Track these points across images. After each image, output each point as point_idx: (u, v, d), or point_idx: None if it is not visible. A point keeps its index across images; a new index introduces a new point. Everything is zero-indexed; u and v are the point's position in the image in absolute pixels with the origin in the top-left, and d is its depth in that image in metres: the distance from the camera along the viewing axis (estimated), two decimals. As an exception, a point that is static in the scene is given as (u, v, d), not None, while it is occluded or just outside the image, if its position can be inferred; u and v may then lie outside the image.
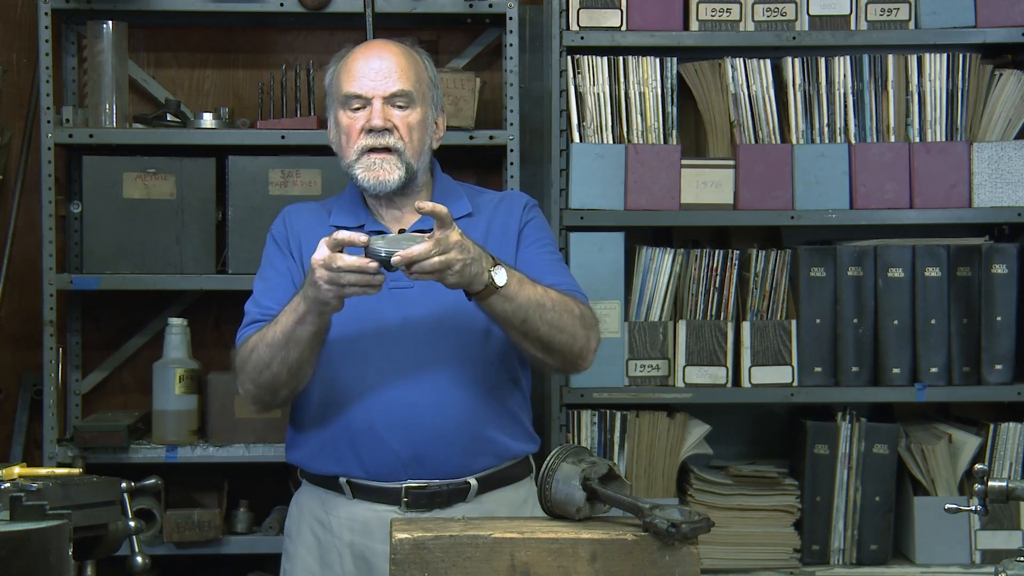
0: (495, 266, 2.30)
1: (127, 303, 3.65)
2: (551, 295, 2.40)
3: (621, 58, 3.36)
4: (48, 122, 3.32)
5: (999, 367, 3.39)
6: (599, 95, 3.36)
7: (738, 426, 3.62)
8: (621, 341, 3.34)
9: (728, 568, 3.33)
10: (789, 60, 3.40)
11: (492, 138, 3.40)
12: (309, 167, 3.39)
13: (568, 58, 3.35)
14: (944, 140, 3.40)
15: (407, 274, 2.23)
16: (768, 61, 3.40)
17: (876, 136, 3.41)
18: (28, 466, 2.12)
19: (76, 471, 2.13)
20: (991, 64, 3.44)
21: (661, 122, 3.38)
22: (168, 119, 3.47)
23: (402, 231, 2.51)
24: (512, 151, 3.38)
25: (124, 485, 2.06)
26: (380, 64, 2.51)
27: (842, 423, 3.37)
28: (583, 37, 3.37)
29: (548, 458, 2.08)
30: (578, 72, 3.35)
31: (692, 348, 3.36)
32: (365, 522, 2.47)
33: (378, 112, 2.49)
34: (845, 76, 3.39)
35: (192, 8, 3.39)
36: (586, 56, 3.35)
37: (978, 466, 2.12)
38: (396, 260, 2.20)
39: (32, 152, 3.55)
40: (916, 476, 3.39)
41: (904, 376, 3.39)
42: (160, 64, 3.70)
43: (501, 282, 2.30)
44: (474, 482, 2.48)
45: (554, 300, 2.40)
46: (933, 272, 3.39)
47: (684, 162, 3.36)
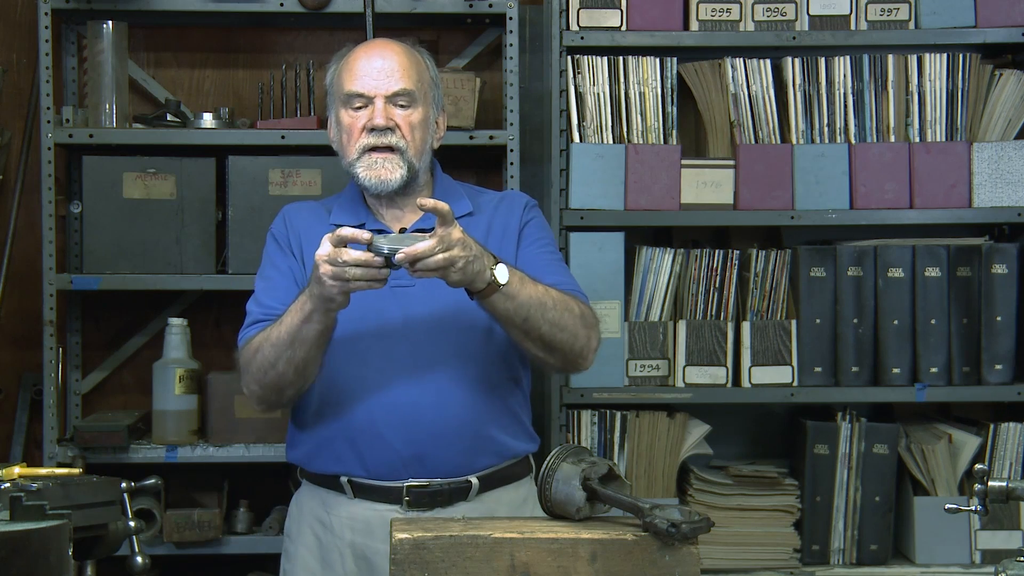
0: (496, 264, 2.30)
1: (127, 303, 3.65)
2: (552, 294, 2.40)
3: (621, 58, 3.36)
4: (48, 122, 3.31)
5: (999, 367, 3.39)
6: (599, 95, 3.36)
7: (738, 426, 3.62)
8: (621, 341, 3.34)
9: (728, 568, 3.33)
10: (789, 60, 3.40)
11: (492, 138, 3.40)
12: (309, 167, 3.39)
13: (568, 58, 3.35)
14: (944, 140, 3.40)
15: (411, 272, 2.23)
16: (768, 61, 3.40)
17: (876, 136, 3.41)
18: (28, 466, 2.12)
19: (76, 471, 2.13)
20: (991, 64, 3.44)
21: (661, 122, 3.38)
22: (168, 119, 3.47)
23: (403, 230, 2.51)
24: (512, 151, 3.38)
25: (124, 485, 2.06)
26: (382, 63, 2.51)
27: (842, 423, 3.37)
28: (583, 37, 3.37)
29: (548, 458, 2.08)
30: (578, 72, 3.35)
31: (692, 348, 3.36)
32: (366, 521, 2.47)
33: (380, 111, 2.48)
34: (845, 76, 3.39)
35: (192, 8, 3.39)
36: (586, 56, 3.35)
37: (978, 466, 2.12)
38: (400, 257, 2.20)
39: (32, 152, 3.55)
40: (916, 476, 3.39)
41: (904, 376, 3.39)
42: (160, 64, 3.70)
43: (503, 280, 2.29)
44: (475, 481, 2.48)
45: (555, 299, 2.40)
46: (933, 272, 3.39)
47: (684, 162, 3.36)
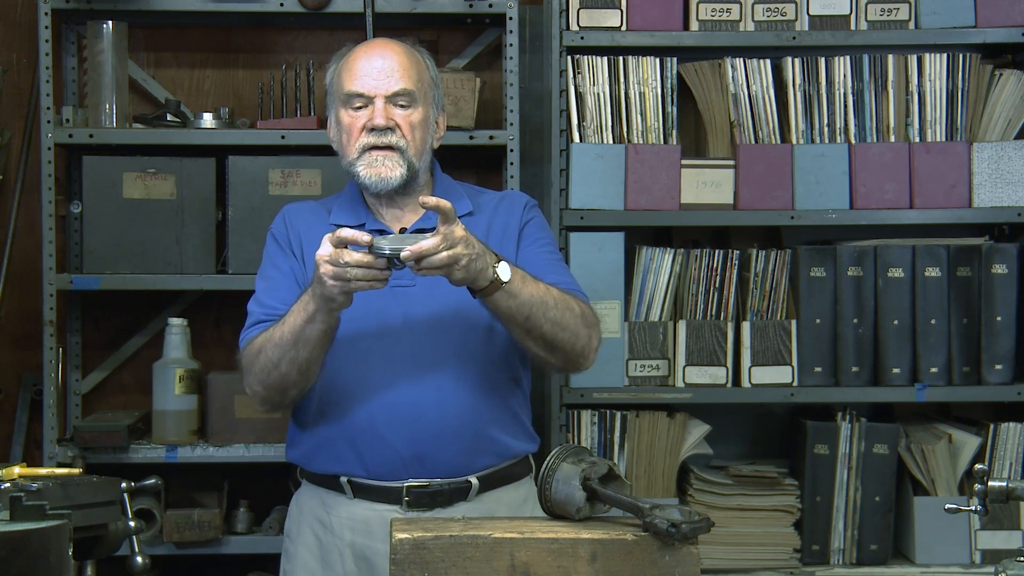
0: (498, 262, 2.30)
1: (127, 303, 3.65)
2: (553, 293, 2.40)
3: (621, 58, 3.36)
4: (48, 122, 3.31)
5: (999, 367, 3.39)
6: (599, 95, 3.36)
7: (738, 426, 3.62)
8: (621, 341, 3.34)
9: (728, 568, 3.33)
10: (789, 60, 3.40)
11: (492, 138, 3.40)
12: (309, 167, 3.39)
13: (568, 58, 3.35)
14: (944, 140, 3.39)
15: (415, 270, 2.23)
16: (768, 61, 3.40)
17: (876, 136, 3.41)
18: (28, 466, 2.12)
19: (76, 471, 2.13)
20: (991, 64, 3.44)
21: (661, 122, 3.38)
22: (168, 119, 3.47)
23: (403, 230, 2.50)
24: (512, 151, 3.37)
25: (124, 485, 2.06)
26: (382, 63, 2.51)
27: (842, 423, 3.37)
28: (583, 37, 3.37)
29: (548, 458, 2.08)
30: (578, 72, 3.35)
31: (692, 348, 3.36)
32: (366, 521, 2.47)
33: (380, 111, 2.48)
34: (845, 76, 3.39)
35: (192, 8, 3.39)
36: (586, 56, 3.35)
37: (978, 466, 2.12)
38: (406, 255, 2.19)
39: (32, 152, 3.54)
40: (916, 476, 3.39)
41: (904, 376, 3.39)
42: (160, 64, 3.70)
43: (505, 278, 2.29)
44: (475, 481, 2.48)
45: (556, 298, 2.40)
46: (933, 272, 3.39)
47: (684, 162, 3.36)
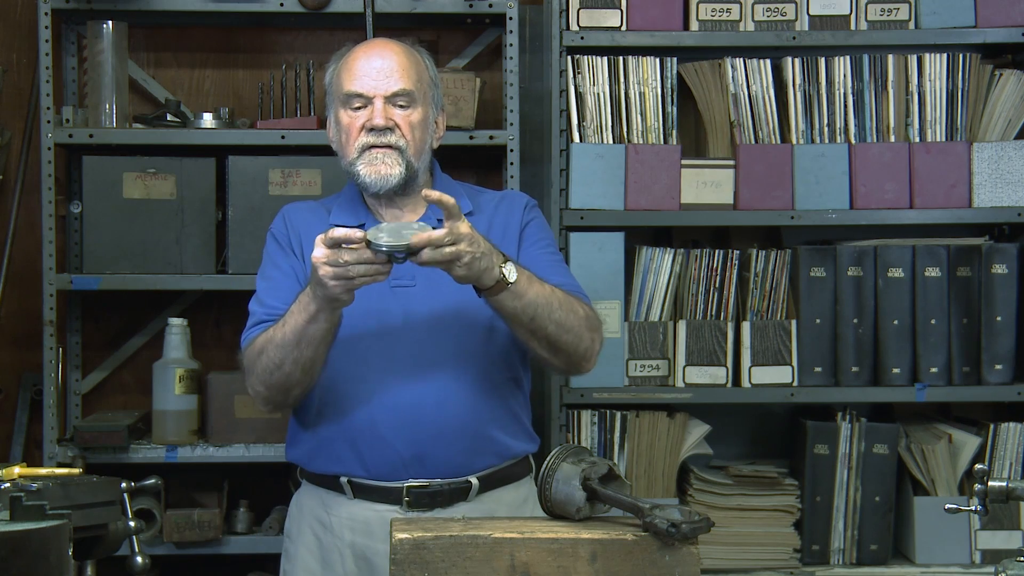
0: (506, 262, 2.30)
1: (127, 303, 3.65)
2: (558, 295, 2.40)
3: (621, 58, 3.36)
4: (48, 122, 3.31)
5: (999, 367, 3.39)
6: (599, 95, 3.36)
7: (738, 426, 3.62)
8: (621, 341, 3.34)
9: (728, 568, 3.33)
10: (789, 60, 3.40)
11: (492, 138, 3.40)
12: (309, 167, 3.39)
13: (568, 58, 3.35)
14: (944, 140, 3.39)
15: (416, 261, 2.21)
16: (768, 61, 3.40)
17: (876, 136, 3.41)
18: (28, 466, 2.12)
19: (76, 471, 2.13)
20: (991, 64, 3.44)
21: (661, 122, 3.38)
22: (168, 119, 3.47)
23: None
24: (512, 151, 3.37)
25: (124, 485, 2.06)
26: (381, 63, 2.50)
27: (842, 423, 3.37)
28: (583, 37, 3.37)
29: (548, 458, 2.08)
30: (578, 72, 3.35)
31: (692, 348, 3.36)
32: (366, 522, 2.47)
33: (380, 111, 2.48)
34: (845, 76, 3.39)
35: (192, 8, 3.39)
36: (586, 56, 3.35)
37: (978, 466, 2.12)
38: (416, 240, 2.18)
39: (32, 152, 3.54)
40: (916, 476, 3.39)
41: (904, 376, 3.39)
42: (160, 64, 3.70)
43: (512, 278, 2.29)
44: (475, 481, 2.48)
45: (561, 300, 2.40)
46: (933, 272, 3.39)
47: (684, 162, 3.36)
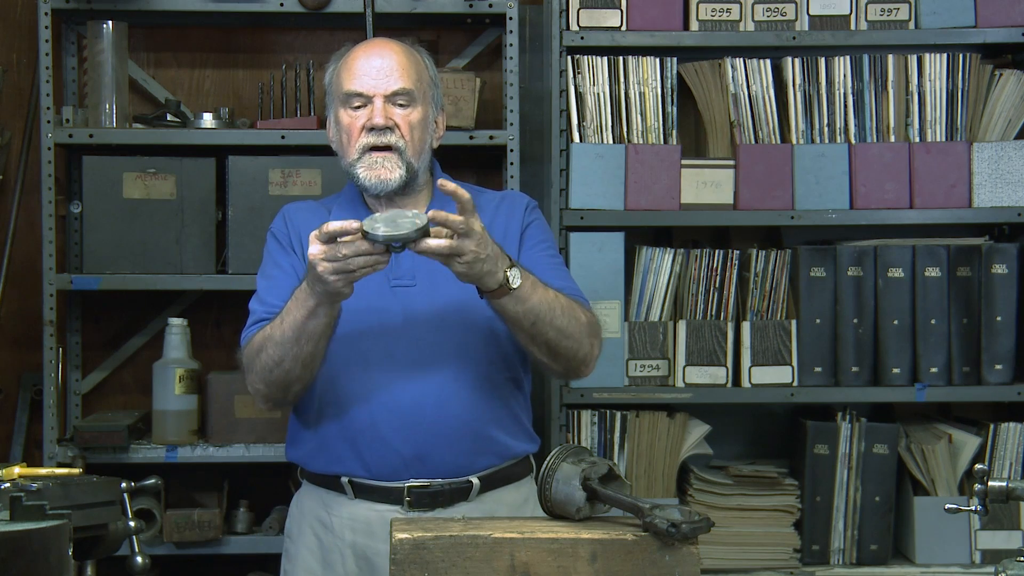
0: (511, 267, 2.29)
1: (127, 303, 3.65)
2: (561, 301, 2.39)
3: (621, 58, 3.36)
4: (48, 122, 3.31)
5: (999, 367, 3.39)
6: (599, 95, 3.36)
7: (738, 426, 3.62)
8: (621, 341, 3.34)
9: (728, 568, 3.33)
10: (789, 60, 3.40)
11: (492, 138, 3.40)
12: (309, 167, 3.39)
13: (568, 58, 3.35)
14: (944, 140, 3.39)
15: (415, 249, 2.20)
16: (768, 61, 3.40)
17: (876, 136, 3.41)
18: (28, 466, 2.12)
19: (76, 471, 2.13)
20: (991, 64, 3.44)
21: (661, 122, 3.38)
22: (168, 119, 3.47)
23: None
24: (512, 151, 3.38)
25: (124, 485, 2.05)
26: (381, 62, 2.50)
27: (842, 423, 3.37)
28: (583, 37, 3.37)
29: (548, 458, 2.08)
30: (578, 72, 3.35)
31: (692, 348, 3.36)
32: (367, 522, 2.46)
33: (379, 110, 2.48)
34: (845, 76, 3.39)
35: (192, 8, 3.39)
36: (586, 56, 3.35)
37: (978, 466, 2.12)
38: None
39: (32, 152, 3.54)
40: (916, 476, 3.39)
41: (904, 376, 3.39)
42: (160, 64, 3.70)
43: (515, 284, 2.29)
44: (476, 481, 2.48)
45: (564, 306, 2.39)
46: (933, 272, 3.39)
47: (684, 162, 3.36)
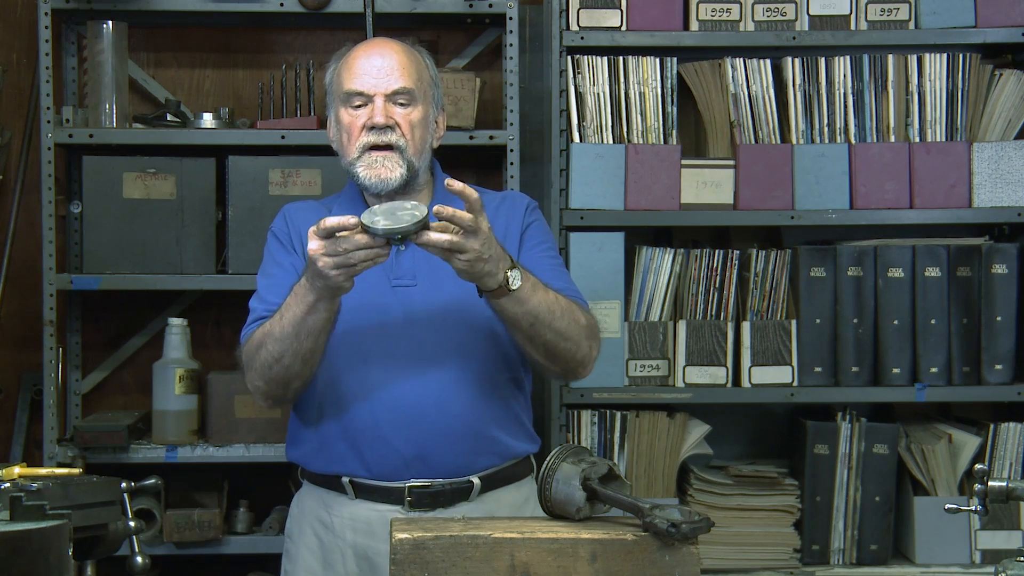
0: (512, 268, 2.29)
1: (127, 303, 3.65)
2: (561, 303, 2.39)
3: (621, 58, 3.36)
4: (48, 122, 3.31)
5: (999, 367, 3.39)
6: (599, 95, 3.36)
7: (738, 426, 3.62)
8: (621, 341, 3.34)
9: (728, 568, 3.33)
10: (789, 60, 3.40)
11: (492, 138, 3.40)
12: (309, 167, 3.39)
13: (568, 58, 3.35)
14: (944, 140, 3.39)
15: (416, 241, 2.20)
16: (768, 61, 3.40)
17: (876, 136, 3.41)
18: (28, 466, 2.12)
19: (76, 471, 2.13)
20: (991, 64, 3.44)
21: (661, 122, 3.38)
22: (168, 119, 3.47)
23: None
24: (512, 151, 3.38)
25: (124, 485, 2.05)
26: (382, 61, 2.50)
27: (842, 423, 3.37)
28: (583, 37, 3.36)
29: (548, 458, 2.08)
30: (578, 72, 3.35)
31: (692, 348, 3.36)
32: (368, 522, 2.46)
33: (380, 109, 2.48)
34: (845, 76, 3.39)
35: (192, 8, 3.39)
36: (586, 56, 3.35)
37: (978, 466, 2.12)
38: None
39: (32, 152, 3.55)
40: (916, 476, 3.39)
41: (904, 376, 3.39)
42: (160, 64, 3.70)
43: (515, 286, 2.28)
44: (477, 481, 2.48)
45: (564, 308, 2.39)
46: (933, 272, 3.39)
47: (684, 162, 3.36)
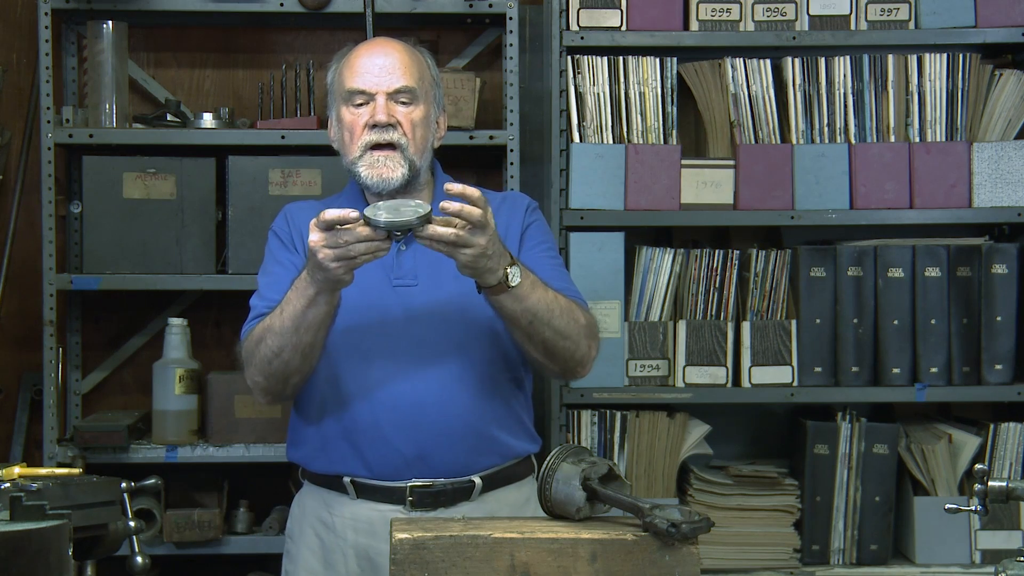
0: (512, 265, 2.29)
1: (127, 303, 3.65)
2: (560, 302, 2.39)
3: (621, 58, 3.36)
4: (48, 122, 3.31)
5: (999, 367, 3.39)
6: (599, 95, 3.36)
7: (738, 426, 3.62)
8: (621, 341, 3.34)
9: (728, 568, 3.33)
10: (789, 60, 3.40)
11: (492, 138, 3.40)
12: (309, 167, 3.39)
13: (568, 58, 3.35)
14: (944, 140, 3.39)
15: (418, 235, 2.19)
16: (768, 61, 3.40)
17: (876, 136, 3.41)
18: (28, 466, 2.12)
19: (76, 471, 2.13)
20: (991, 64, 3.44)
21: (661, 122, 3.38)
22: (168, 119, 3.47)
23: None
24: (512, 151, 3.38)
25: (124, 485, 2.05)
26: (384, 60, 2.50)
27: (842, 423, 3.37)
28: (583, 37, 3.36)
29: (548, 458, 2.08)
30: (578, 72, 3.35)
31: (692, 348, 3.36)
32: (370, 522, 2.46)
33: (382, 107, 2.48)
34: (845, 76, 3.39)
35: (192, 8, 3.40)
36: (586, 56, 3.35)
37: (978, 466, 2.12)
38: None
39: (32, 152, 3.55)
40: (916, 476, 3.39)
41: (904, 376, 3.39)
42: (160, 64, 3.70)
43: (514, 283, 2.28)
44: (478, 481, 2.48)
45: (563, 307, 2.39)
46: (933, 272, 3.39)
47: (684, 162, 3.36)
